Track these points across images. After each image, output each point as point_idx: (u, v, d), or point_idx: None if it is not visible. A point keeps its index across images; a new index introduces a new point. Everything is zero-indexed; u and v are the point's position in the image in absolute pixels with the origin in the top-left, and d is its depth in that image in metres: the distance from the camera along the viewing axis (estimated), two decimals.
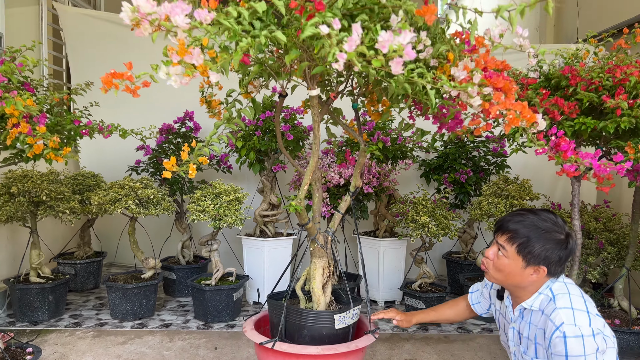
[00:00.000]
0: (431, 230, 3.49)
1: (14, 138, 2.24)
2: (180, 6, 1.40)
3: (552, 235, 1.60)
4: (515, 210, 1.73)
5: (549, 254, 1.60)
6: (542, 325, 1.60)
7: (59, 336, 3.38)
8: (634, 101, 2.16)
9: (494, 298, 1.96)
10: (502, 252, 1.66)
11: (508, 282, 1.69)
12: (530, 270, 1.62)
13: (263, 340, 2.13)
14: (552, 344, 1.52)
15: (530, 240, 1.60)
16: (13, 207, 3.42)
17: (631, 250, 3.35)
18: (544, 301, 1.63)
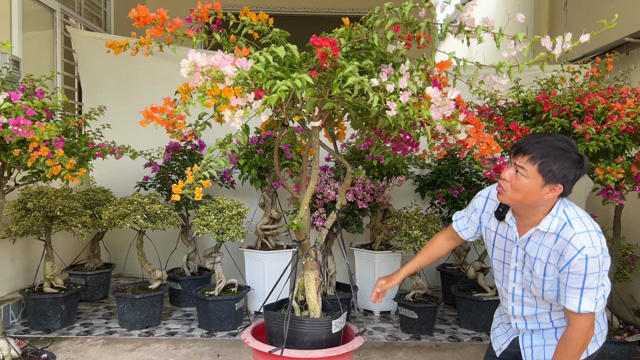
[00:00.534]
0: (423, 243, 3.68)
1: (34, 160, 2.46)
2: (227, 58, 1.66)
3: (569, 155, 1.68)
4: (531, 134, 1.80)
5: (567, 172, 1.68)
6: (558, 247, 1.71)
7: (71, 343, 3.58)
8: (601, 126, 2.36)
9: (487, 221, 1.99)
10: (522, 172, 1.70)
11: (525, 201, 1.73)
12: (547, 188, 1.69)
13: (270, 348, 2.31)
14: (572, 264, 1.66)
15: (550, 159, 1.67)
16: (29, 221, 3.65)
17: (613, 263, 3.52)
18: (559, 225, 1.73)
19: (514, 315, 1.92)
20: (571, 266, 1.66)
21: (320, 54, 1.83)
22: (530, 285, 1.81)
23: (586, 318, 1.69)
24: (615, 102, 2.40)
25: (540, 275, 1.77)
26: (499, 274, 1.96)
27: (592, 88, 2.57)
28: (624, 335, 3.42)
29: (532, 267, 1.78)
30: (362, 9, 7.83)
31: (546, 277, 1.76)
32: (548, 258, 1.74)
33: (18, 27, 4.07)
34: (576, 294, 1.67)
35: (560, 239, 1.71)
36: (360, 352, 3.53)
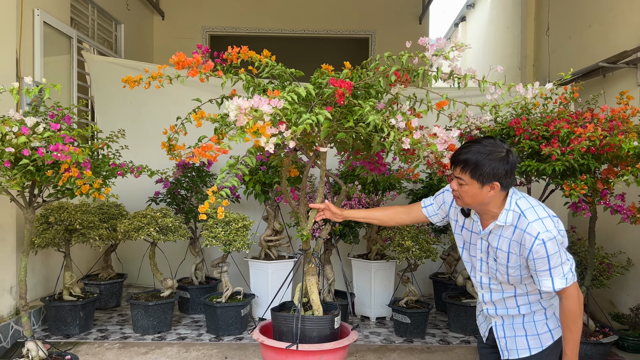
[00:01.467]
0: (415, 253, 3.99)
1: (65, 180, 2.78)
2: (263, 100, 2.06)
3: (495, 156, 1.91)
4: (462, 145, 2.05)
5: (496, 170, 1.89)
6: (517, 238, 1.93)
7: (90, 347, 3.87)
8: (565, 148, 2.69)
9: (455, 215, 2.22)
10: (461, 182, 1.94)
11: (475, 203, 1.97)
12: (487, 188, 1.91)
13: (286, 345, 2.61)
14: (533, 250, 1.87)
15: (479, 165, 1.90)
16: (51, 234, 3.96)
17: (589, 270, 3.82)
18: (515, 217, 1.94)
19: (484, 302, 2.16)
20: (534, 252, 1.88)
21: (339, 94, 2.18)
22: (496, 272, 2.05)
23: (570, 289, 1.92)
24: (578, 127, 2.73)
25: (503, 262, 2.00)
26: (468, 264, 2.22)
27: (559, 114, 2.91)
28: (600, 337, 3.71)
29: (496, 256, 2.02)
30: (357, 30, 8.20)
31: (509, 264, 1.99)
32: (509, 248, 1.97)
33: (40, 54, 4.41)
34: (546, 275, 1.90)
35: (518, 230, 1.93)
36: (357, 354, 3.82)
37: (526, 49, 6.53)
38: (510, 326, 2.11)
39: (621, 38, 4.54)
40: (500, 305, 2.12)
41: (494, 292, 2.12)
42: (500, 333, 2.14)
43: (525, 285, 2.04)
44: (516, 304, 2.08)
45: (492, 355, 2.25)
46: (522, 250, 1.93)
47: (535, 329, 2.06)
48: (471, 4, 9.61)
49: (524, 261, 1.95)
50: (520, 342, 2.08)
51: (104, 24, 6.10)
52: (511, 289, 2.07)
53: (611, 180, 2.78)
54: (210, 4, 8.04)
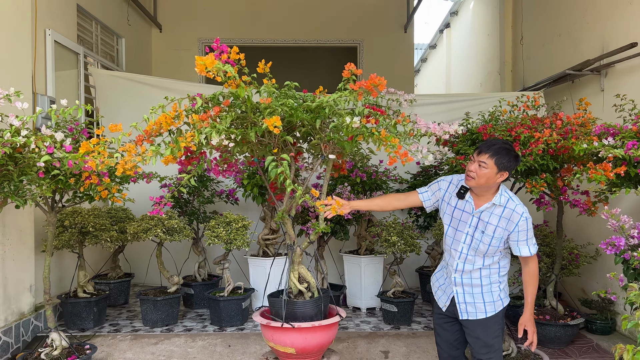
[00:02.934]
0: (400, 247, 4.38)
1: (87, 186, 3.14)
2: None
3: (511, 153, 2.52)
4: (487, 140, 2.67)
5: (510, 164, 2.51)
6: (506, 215, 2.53)
7: (104, 339, 4.23)
8: (525, 151, 3.08)
9: (449, 198, 2.70)
10: (483, 165, 2.48)
11: (485, 184, 2.51)
12: (500, 175, 2.50)
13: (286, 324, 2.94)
14: (519, 224, 2.51)
15: (501, 155, 2.48)
16: (66, 236, 4.32)
17: (557, 260, 4.22)
18: (504, 200, 2.55)
19: (456, 270, 2.64)
20: (519, 226, 2.52)
21: None
22: (480, 243, 2.56)
23: (534, 257, 2.59)
24: (537, 132, 3.12)
25: (490, 233, 2.55)
26: (450, 239, 2.69)
27: (522, 120, 3.30)
28: (568, 319, 4.11)
29: (484, 229, 2.56)
30: (346, 39, 8.60)
31: (495, 235, 2.55)
32: (498, 222, 2.55)
33: (52, 70, 4.77)
34: (524, 244, 2.55)
35: (507, 209, 2.55)
36: (349, 341, 4.20)
37: (504, 55, 6.95)
38: (471, 294, 2.63)
39: (587, 47, 4.96)
40: (466, 276, 2.64)
41: (467, 263, 2.62)
42: (461, 299, 2.65)
43: (492, 258, 2.60)
44: (480, 275, 2.63)
45: (448, 324, 2.76)
46: (508, 225, 2.54)
47: (492, 297, 2.62)
48: (454, 12, 10.04)
49: (506, 234, 2.55)
50: (478, 307, 2.62)
51: (107, 39, 6.45)
52: (480, 262, 2.60)
53: (566, 177, 3.18)
54: (205, 16, 8.41)
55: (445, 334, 2.80)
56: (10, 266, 3.98)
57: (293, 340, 2.88)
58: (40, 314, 4.33)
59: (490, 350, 2.62)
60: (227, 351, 4.02)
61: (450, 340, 2.79)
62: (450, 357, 2.81)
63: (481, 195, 2.59)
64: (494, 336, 2.63)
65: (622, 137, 2.95)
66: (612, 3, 4.57)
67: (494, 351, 2.63)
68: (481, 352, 2.62)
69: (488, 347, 2.62)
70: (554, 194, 3.51)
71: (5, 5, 3.94)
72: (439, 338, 2.84)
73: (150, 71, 8.05)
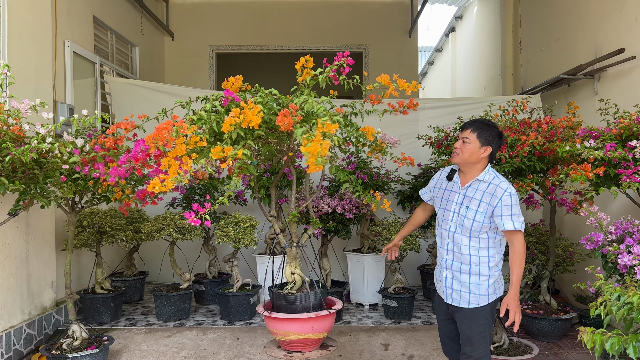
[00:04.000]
0: (401, 245, 4.58)
1: (105, 188, 3.40)
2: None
3: (493, 129, 2.66)
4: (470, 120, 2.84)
5: (493, 139, 2.64)
6: (490, 190, 2.62)
7: (120, 333, 4.49)
8: (512, 153, 3.29)
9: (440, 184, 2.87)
10: (466, 141, 2.63)
11: (470, 160, 2.65)
12: (483, 149, 2.63)
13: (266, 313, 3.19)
14: (502, 198, 2.57)
15: (484, 129, 2.64)
16: (85, 236, 4.60)
17: (551, 258, 4.40)
18: (490, 177, 2.66)
19: (447, 251, 2.76)
20: (502, 200, 2.58)
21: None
22: (465, 218, 2.66)
23: (520, 235, 2.61)
24: (523, 135, 3.33)
25: (474, 208, 2.65)
26: (440, 219, 2.83)
27: (511, 124, 3.50)
28: (561, 314, 4.28)
29: (469, 204, 2.67)
30: (352, 45, 8.83)
31: (478, 209, 2.64)
32: (482, 197, 2.64)
33: (70, 79, 5.06)
34: (508, 219, 2.58)
35: (492, 185, 2.64)
36: (351, 334, 4.42)
37: (506, 59, 7.13)
38: (459, 282, 2.72)
39: (581, 52, 5.13)
40: (457, 257, 2.73)
41: (456, 242, 2.72)
42: (449, 284, 2.77)
43: (478, 240, 2.67)
44: (469, 262, 2.69)
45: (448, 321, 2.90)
46: (492, 199, 2.61)
47: (478, 290, 2.68)
48: (459, 16, 10.22)
49: (490, 209, 2.61)
50: (463, 296, 2.72)
51: (121, 48, 6.76)
52: (467, 241, 2.69)
53: (550, 178, 3.37)
54: (216, 24, 8.70)
55: (446, 330, 2.93)
56: (33, 264, 4.26)
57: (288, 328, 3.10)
58: (61, 308, 4.61)
59: (473, 348, 2.69)
60: (236, 343, 4.26)
61: (452, 335, 2.92)
62: (452, 349, 2.94)
63: (467, 174, 2.73)
64: (478, 332, 2.69)
65: (603, 140, 3.14)
66: (604, 10, 4.74)
67: (477, 348, 2.69)
68: (465, 345, 2.72)
69: (471, 343, 2.69)
70: (543, 193, 3.70)
71: (29, 21, 4.23)
72: (442, 333, 2.98)
73: (163, 78, 8.35)
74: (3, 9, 3.88)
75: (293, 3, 8.77)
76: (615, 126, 3.22)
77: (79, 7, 5.31)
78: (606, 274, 2.93)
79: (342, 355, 4.05)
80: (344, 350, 4.12)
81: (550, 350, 4.13)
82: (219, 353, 4.11)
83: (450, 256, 2.76)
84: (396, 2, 8.83)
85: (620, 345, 1.99)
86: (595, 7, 4.90)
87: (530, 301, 4.53)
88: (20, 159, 2.60)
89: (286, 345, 3.10)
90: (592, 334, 2.03)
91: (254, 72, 10.81)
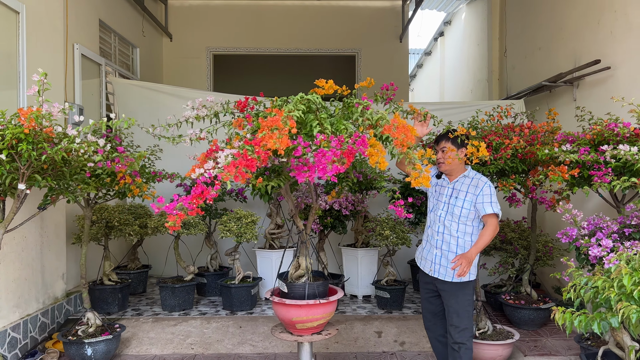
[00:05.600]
0: (392, 240, 4.91)
1: (122, 185, 3.67)
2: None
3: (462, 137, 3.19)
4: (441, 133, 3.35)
5: (463, 141, 3.17)
6: (474, 183, 3.14)
7: (128, 322, 4.75)
8: (497, 155, 3.62)
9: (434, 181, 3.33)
10: (445, 150, 3.18)
11: (453, 164, 3.17)
12: (460, 152, 3.15)
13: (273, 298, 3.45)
14: (483, 189, 3.10)
15: (454, 137, 3.16)
16: (94, 230, 4.84)
17: (532, 252, 4.75)
18: (472, 173, 3.21)
19: (438, 232, 3.23)
20: (483, 190, 3.12)
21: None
22: (454, 207, 3.16)
23: (495, 219, 3.09)
24: (506, 139, 3.66)
25: (462, 198, 3.16)
26: (431, 206, 3.34)
27: (496, 128, 3.84)
28: (540, 304, 4.63)
29: (457, 195, 3.18)
30: (345, 48, 9.13)
31: (465, 199, 3.15)
32: (467, 189, 3.16)
33: (79, 80, 5.30)
34: (488, 204, 3.10)
35: (474, 179, 3.19)
36: (347, 323, 4.73)
37: (492, 64, 7.49)
38: (446, 259, 3.19)
39: (562, 60, 5.49)
40: (446, 239, 3.20)
41: (445, 227, 3.20)
42: (437, 261, 3.24)
43: (465, 226, 3.15)
44: (456, 243, 3.17)
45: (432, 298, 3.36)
46: (475, 190, 3.14)
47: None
48: (448, 22, 10.58)
49: (474, 198, 3.13)
50: (448, 272, 3.18)
51: (123, 49, 6.98)
52: (456, 227, 3.17)
53: (531, 178, 3.71)
54: (213, 26, 8.95)
55: (431, 306, 3.39)
56: (47, 256, 4.50)
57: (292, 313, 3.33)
58: (71, 299, 4.86)
59: (461, 319, 3.15)
60: (239, 331, 4.55)
61: (435, 311, 3.38)
62: (434, 324, 3.42)
63: (452, 175, 3.26)
64: (463, 306, 3.16)
65: (578, 144, 3.48)
66: (582, 22, 5.10)
67: (464, 320, 3.16)
68: (452, 318, 3.18)
69: (458, 315, 3.16)
70: (525, 192, 4.04)
71: (44, 26, 4.47)
72: (425, 309, 3.43)
73: (162, 78, 8.58)
74: (22, 15, 4.12)
75: (289, 7, 9.06)
76: (589, 132, 3.56)
77: (86, 11, 5.55)
78: (579, 265, 3.27)
79: (339, 342, 4.36)
80: (340, 337, 4.43)
81: (531, 337, 4.48)
82: (224, 340, 4.40)
83: (440, 237, 3.23)
84: (388, 7, 9.16)
85: (587, 322, 2.32)
86: (575, 19, 5.26)
87: (512, 292, 4.88)
88: (53, 157, 2.86)
89: (291, 328, 3.38)
90: (562, 313, 2.36)
91: (249, 73, 11.09)
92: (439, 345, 3.41)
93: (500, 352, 3.90)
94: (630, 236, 3.15)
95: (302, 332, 3.39)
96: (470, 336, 3.21)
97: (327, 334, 3.36)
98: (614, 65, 4.52)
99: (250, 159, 2.53)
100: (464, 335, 3.17)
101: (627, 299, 2.13)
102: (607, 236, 3.12)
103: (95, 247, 5.31)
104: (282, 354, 4.15)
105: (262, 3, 9.02)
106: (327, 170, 2.49)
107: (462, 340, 3.16)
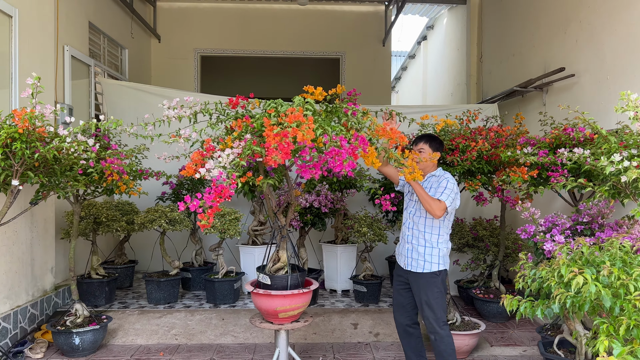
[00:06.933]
0: (369, 237, 5.15)
1: (109, 182, 3.86)
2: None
3: (437, 139, 3.49)
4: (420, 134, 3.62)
5: (439, 146, 3.47)
6: (439, 180, 3.38)
7: (115, 314, 4.94)
8: (463, 157, 3.87)
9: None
10: (422, 150, 3.44)
11: (428, 164, 3.43)
12: (434, 155, 3.40)
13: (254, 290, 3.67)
14: (442, 183, 3.34)
15: (432, 141, 3.46)
16: (83, 225, 5.02)
17: (501, 249, 5.02)
18: (440, 172, 3.45)
19: (409, 228, 3.47)
20: (441, 184, 3.36)
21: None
22: (421, 204, 3.35)
23: (443, 204, 3.27)
24: (473, 142, 3.91)
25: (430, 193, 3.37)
26: (406, 202, 3.57)
27: (464, 132, 4.09)
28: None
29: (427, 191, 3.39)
30: (329, 52, 9.36)
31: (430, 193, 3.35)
32: (432, 185, 3.41)
33: (69, 80, 5.47)
34: (441, 193, 3.31)
35: (441, 177, 3.42)
36: (324, 315, 4.96)
37: (470, 69, 7.77)
38: (417, 252, 3.42)
39: (533, 67, 5.77)
40: (415, 234, 3.44)
41: (414, 223, 3.44)
42: (409, 254, 3.46)
43: (432, 220, 3.38)
44: (424, 238, 3.41)
45: (403, 290, 3.56)
46: (439, 185, 3.37)
47: (431, 259, 3.37)
48: (430, 26, 10.86)
49: (435, 192, 3.34)
50: (419, 263, 3.41)
51: (112, 50, 7.16)
52: (424, 221, 3.41)
53: (496, 178, 3.96)
54: (201, 28, 9.14)
55: (401, 298, 3.58)
56: (36, 250, 4.68)
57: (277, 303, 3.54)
58: (59, 292, 5.04)
59: (433, 310, 3.35)
60: (221, 323, 4.76)
61: (404, 303, 3.58)
62: (402, 315, 3.60)
63: (425, 173, 3.50)
64: (433, 297, 3.35)
65: (538, 147, 3.74)
66: (551, 31, 5.38)
67: (437, 310, 3.35)
68: (424, 309, 3.38)
69: (430, 306, 3.34)
70: (491, 191, 4.30)
71: (35, 29, 4.65)
72: (396, 300, 3.63)
73: (150, 79, 8.75)
74: (15, 19, 4.30)
75: (275, 10, 9.27)
76: (549, 136, 3.82)
77: (76, 14, 5.72)
78: (536, 259, 3.53)
79: (317, 333, 4.60)
80: (318, 328, 4.66)
81: (498, 329, 4.74)
82: (206, 331, 4.61)
83: (410, 232, 3.47)
84: (371, 12, 9.42)
85: (532, 308, 2.57)
86: (545, 28, 5.54)
87: (483, 287, 5.14)
88: (45, 156, 3.06)
89: (272, 318, 3.58)
90: (510, 300, 2.61)
91: (236, 75, 11.29)
92: (405, 335, 3.62)
93: (467, 341, 4.16)
94: (582, 232, 3.42)
95: (283, 320, 3.60)
96: (443, 325, 3.38)
97: (305, 322, 3.58)
98: (578, 73, 4.80)
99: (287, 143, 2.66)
100: (437, 325, 3.36)
101: (564, 287, 2.38)
102: (561, 232, 3.38)
103: (83, 242, 5.49)
104: (262, 344, 4.37)
105: (249, 6, 9.23)
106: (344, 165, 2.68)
107: (436, 330, 3.36)
